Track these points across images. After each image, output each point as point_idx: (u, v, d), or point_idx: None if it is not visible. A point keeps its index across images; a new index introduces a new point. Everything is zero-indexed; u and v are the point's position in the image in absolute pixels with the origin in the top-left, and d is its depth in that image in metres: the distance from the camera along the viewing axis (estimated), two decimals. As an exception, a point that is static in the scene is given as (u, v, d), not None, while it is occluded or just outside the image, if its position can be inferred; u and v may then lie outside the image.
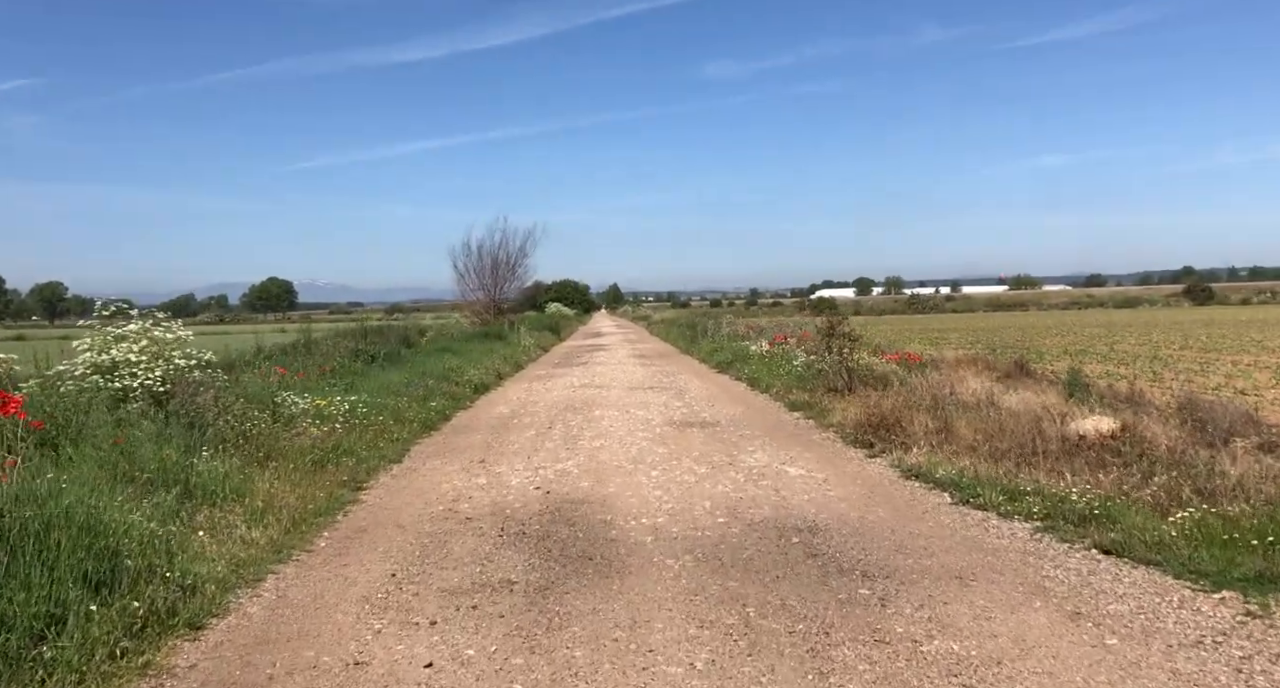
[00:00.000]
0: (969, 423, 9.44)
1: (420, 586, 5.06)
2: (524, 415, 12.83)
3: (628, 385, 17.18)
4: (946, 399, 10.80)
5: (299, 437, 9.05)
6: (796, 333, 22.06)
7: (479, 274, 43.72)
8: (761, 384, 15.92)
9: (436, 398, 13.73)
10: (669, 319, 60.09)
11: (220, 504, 6.24)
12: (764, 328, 26.06)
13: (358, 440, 9.71)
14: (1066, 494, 6.34)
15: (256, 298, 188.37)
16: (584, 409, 13.34)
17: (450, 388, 15.17)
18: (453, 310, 48.76)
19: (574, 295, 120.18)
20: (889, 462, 8.45)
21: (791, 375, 15.80)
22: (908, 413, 9.66)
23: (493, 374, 19.12)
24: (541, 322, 50.01)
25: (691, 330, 34.30)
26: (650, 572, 5.19)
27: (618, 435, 10.56)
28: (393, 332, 31.52)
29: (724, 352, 22.72)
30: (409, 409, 12.04)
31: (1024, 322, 66.32)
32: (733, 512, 6.60)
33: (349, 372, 15.25)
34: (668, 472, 8.23)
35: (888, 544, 5.65)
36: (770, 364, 18.00)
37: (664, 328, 46.94)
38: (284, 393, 11.01)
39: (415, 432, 11.00)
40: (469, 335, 31.21)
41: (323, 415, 10.45)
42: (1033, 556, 5.34)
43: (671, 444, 9.83)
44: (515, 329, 33.55)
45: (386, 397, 12.65)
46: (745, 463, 8.60)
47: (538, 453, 9.51)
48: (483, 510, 6.90)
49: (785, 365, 17.12)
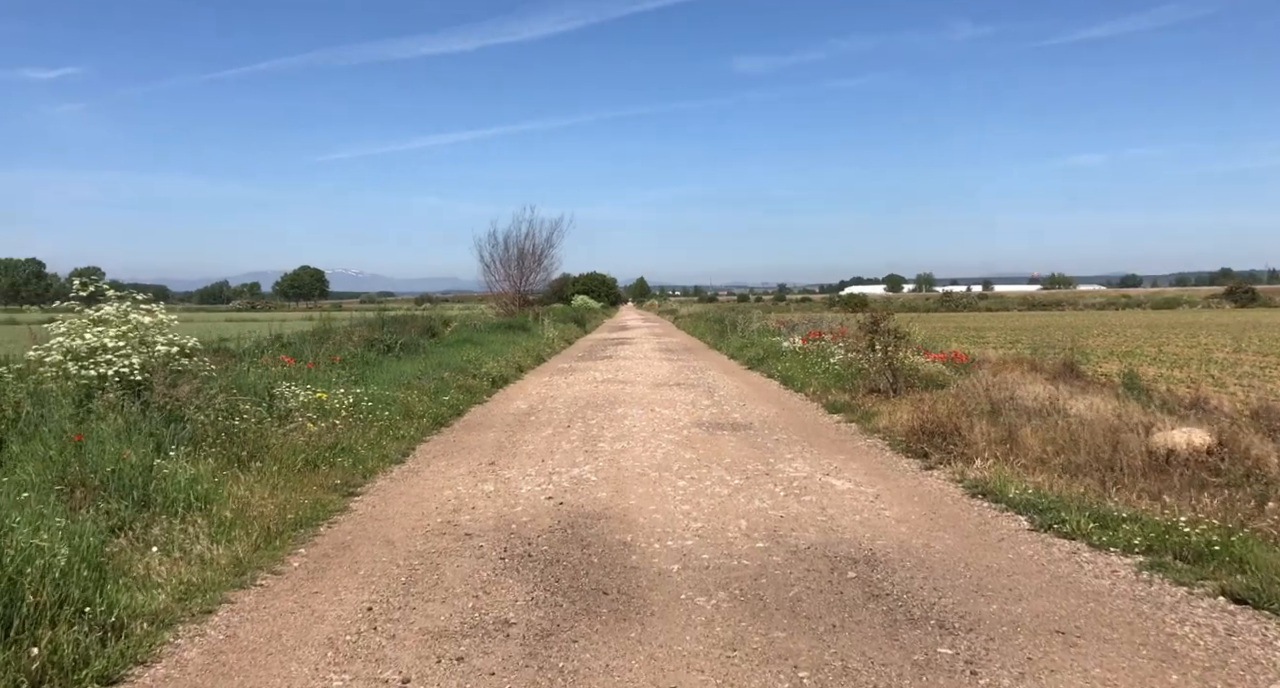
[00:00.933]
0: (1035, 432, 8.43)
1: (399, 624, 4.19)
2: (542, 412, 11.97)
3: (653, 381, 16.27)
4: (1006, 404, 9.79)
5: (293, 433, 8.24)
6: (832, 329, 21.02)
7: (505, 265, 43.15)
8: (796, 383, 14.94)
9: (450, 392, 12.91)
10: (696, 313, 59.08)
11: (183, 514, 5.41)
12: (796, 324, 25.02)
13: (359, 438, 8.90)
14: (1172, 523, 5.35)
15: (289, 286, 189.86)
16: (606, 407, 12.45)
17: (467, 381, 14.35)
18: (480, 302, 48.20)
19: (600, 288, 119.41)
20: (948, 475, 7.48)
21: (829, 374, 14.80)
22: (966, 419, 8.66)
23: (513, 367, 18.30)
24: (567, 314, 49.23)
25: (720, 325, 33.32)
26: (677, 614, 4.28)
27: (641, 437, 9.66)
28: (416, 321, 30.94)
29: (754, 348, 21.74)
30: (419, 403, 11.22)
31: (1062, 321, 64.45)
32: (774, 534, 5.67)
33: (361, 362, 14.47)
34: (697, 482, 7.31)
35: (964, 583, 4.70)
36: (805, 362, 17.00)
37: (691, 322, 45.97)
38: (284, 384, 10.22)
39: (424, 428, 10.17)
40: (492, 326, 30.46)
41: (323, 410, 9.64)
42: (1146, 603, 4.36)
43: (700, 449, 8.91)
44: (539, 321, 32.75)
45: (397, 390, 11.84)
46: (784, 473, 7.66)
47: (553, 455, 8.64)
48: (485, 525, 6.03)
49: (821, 363, 16.13)
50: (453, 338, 24.81)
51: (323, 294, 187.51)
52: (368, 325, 18.43)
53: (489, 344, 22.94)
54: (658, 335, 36.61)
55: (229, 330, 22.57)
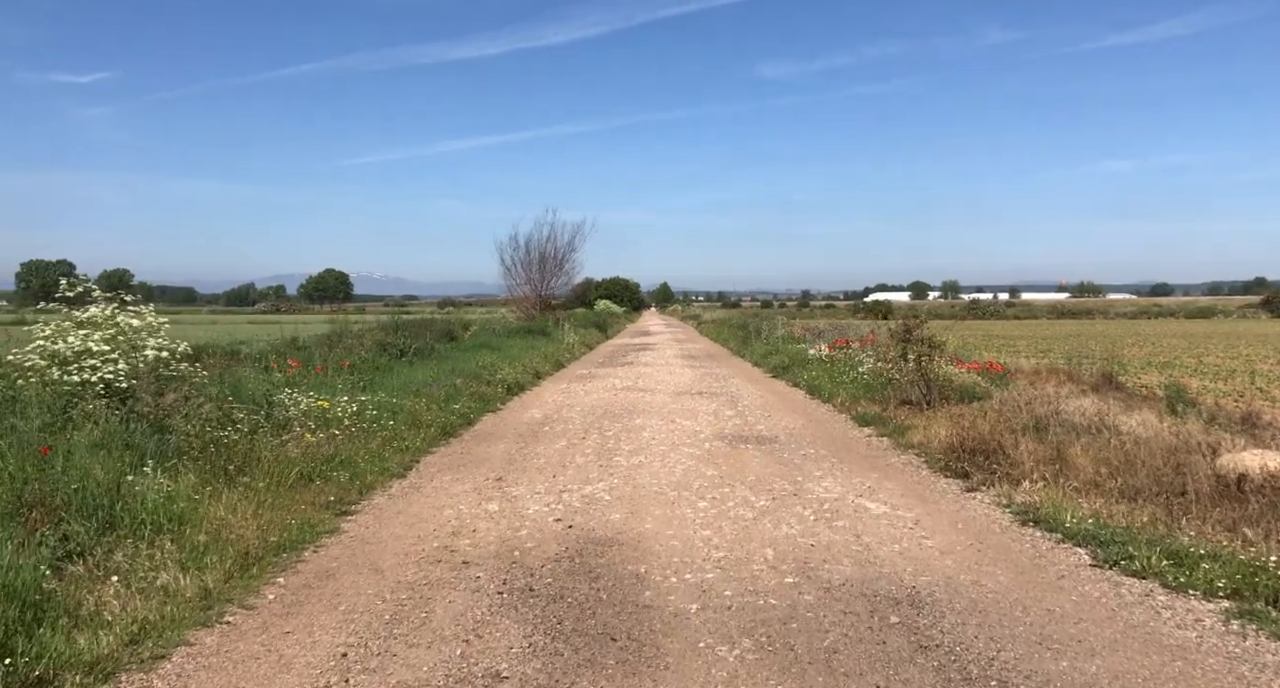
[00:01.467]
0: (1085, 451, 7.78)
1: (375, 675, 3.66)
2: (557, 422, 11.44)
3: (674, 390, 15.70)
4: (1051, 420, 9.13)
5: (288, 444, 7.76)
6: (859, 336, 20.36)
7: (526, 269, 42.66)
8: (823, 393, 14.32)
9: (462, 399, 12.41)
10: (719, 319, 58.41)
11: (152, 537, 4.92)
12: (823, 330, 24.36)
13: (360, 449, 8.41)
14: (1259, 562, 4.71)
15: (314, 289, 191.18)
16: (624, 416, 11.90)
17: (480, 388, 13.85)
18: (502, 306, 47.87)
19: (623, 293, 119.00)
20: (993, 499, 6.85)
21: (857, 384, 14.17)
22: (1010, 436, 8.02)
23: (530, 373, 17.80)
24: (589, 319, 48.76)
25: (743, 331, 32.70)
26: (694, 668, 3.71)
27: (660, 451, 9.10)
28: (435, 325, 30.55)
29: (779, 355, 21.11)
30: (428, 412, 10.72)
31: (1093, 330, 63.07)
32: (804, 568, 5.08)
33: (372, 368, 14.04)
34: (718, 503, 6.73)
35: (1024, 632, 4.09)
36: (832, 371, 16.37)
37: (714, 328, 45.35)
38: (285, 391, 9.77)
39: (430, 439, 9.66)
40: (511, 331, 30.03)
41: (325, 419, 9.16)
42: (1245, 663, 3.73)
43: (723, 465, 8.34)
44: (560, 326, 32.28)
45: (406, 397, 11.36)
46: (813, 493, 7.07)
47: (565, 470, 8.10)
48: (486, 551, 5.49)
49: (849, 373, 15.49)
50: (471, 343, 24.39)
51: (347, 297, 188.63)
52: (381, 330, 18.01)
53: (507, 349, 22.48)
54: (680, 342, 36.03)
55: (249, 333, 22.30)
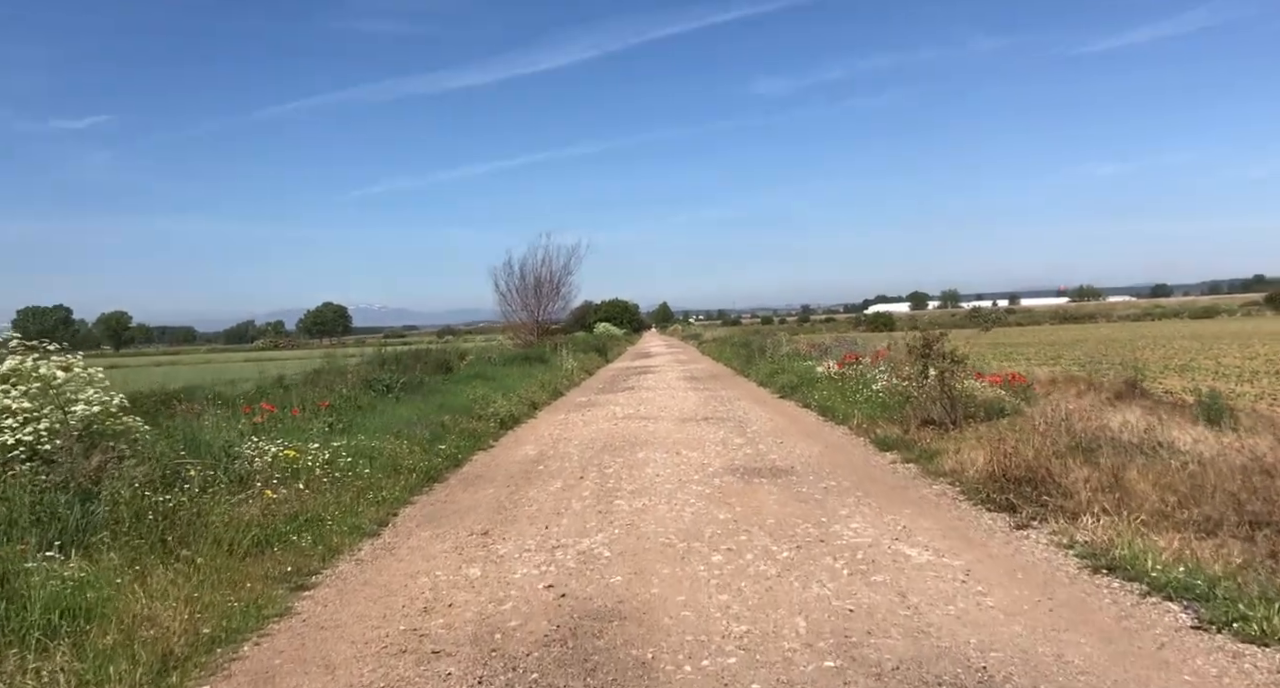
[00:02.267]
0: (1144, 475, 6.89)
1: None
2: (552, 459, 10.54)
3: (679, 416, 14.81)
4: (1097, 438, 8.24)
5: (244, 505, 6.88)
6: (869, 351, 19.49)
7: (521, 295, 41.91)
8: (837, 414, 13.43)
9: (450, 437, 11.52)
10: (721, 338, 57.56)
11: (45, 644, 4.03)
12: (829, 346, 23.49)
13: (331, 503, 7.52)
14: None
15: (312, 323, 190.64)
16: (625, 449, 11.01)
17: (470, 424, 12.95)
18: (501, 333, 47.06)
19: (623, 315, 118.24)
20: (1050, 538, 5.95)
21: (872, 403, 13.28)
22: (1058, 461, 7.12)
23: (525, 404, 16.91)
24: (588, 343, 47.92)
25: (746, 350, 31.83)
26: (722, 813, 2.81)
27: (665, 491, 8.20)
28: (429, 356, 29.63)
29: (786, 374, 20.23)
30: (409, 455, 9.82)
31: (1099, 334, 62.20)
32: (845, 644, 4.18)
33: (353, 407, 13.15)
34: (735, 556, 5.83)
35: (1140, 735, 3.20)
36: (843, 389, 15.48)
37: (716, 347, 44.50)
38: (250, 440, 8.90)
39: (412, 486, 8.77)
40: (508, 359, 29.13)
41: (293, 469, 8.29)
42: None
43: (737, 505, 7.44)
44: (557, 352, 31.41)
45: (387, 439, 10.47)
46: (843, 538, 6.17)
47: (560, 520, 7.20)
48: (461, 634, 4.59)
49: (862, 391, 14.60)
50: (465, 373, 23.53)
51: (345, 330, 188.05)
52: (367, 365, 17.15)
53: (502, 379, 21.61)
54: (682, 362, 35.16)
55: (241, 372, 21.43)
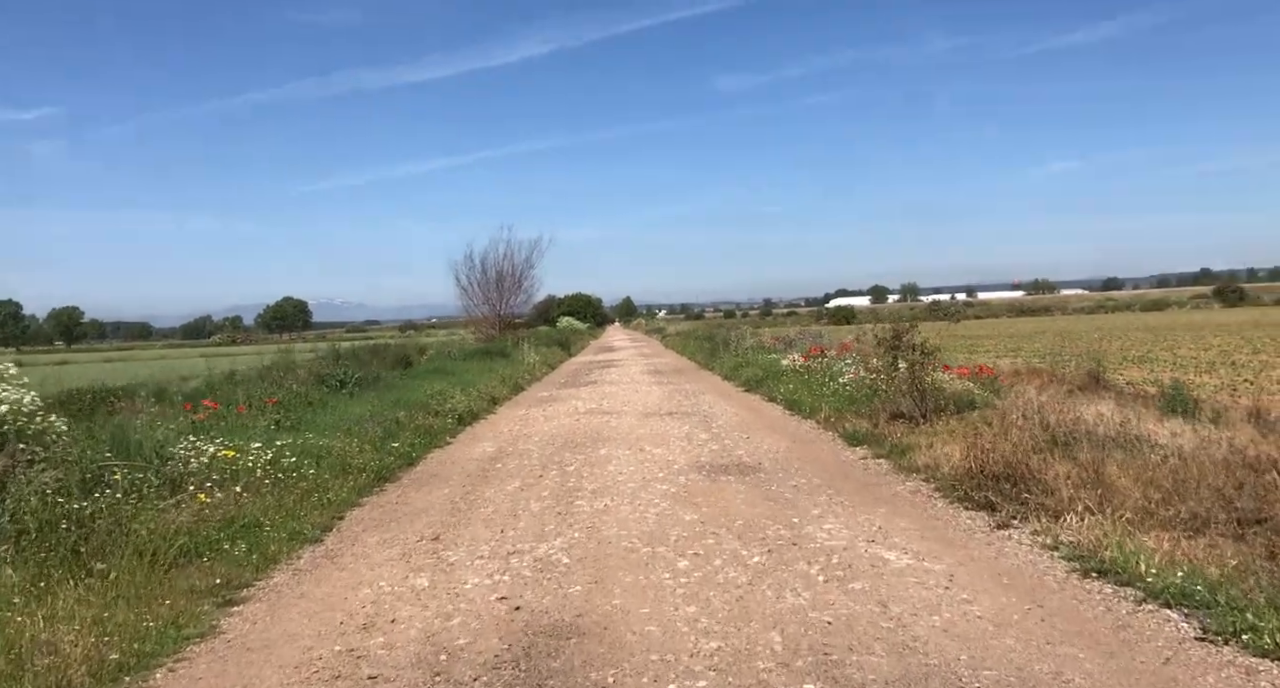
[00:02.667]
0: (1124, 471, 6.64)
1: None
2: (511, 457, 10.11)
3: (642, 410, 14.43)
4: (1073, 433, 8.01)
5: (174, 511, 6.36)
6: (834, 344, 19.28)
7: (483, 288, 41.34)
8: (803, 407, 13.14)
9: (404, 434, 11.02)
10: (684, 331, 57.37)
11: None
12: (793, 339, 23.27)
13: (271, 507, 7.03)
14: None
15: (271, 318, 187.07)
16: (587, 446, 10.60)
17: (427, 420, 12.44)
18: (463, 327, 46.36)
19: (586, 309, 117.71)
20: (1033, 538, 5.66)
21: (840, 397, 13.02)
22: (1038, 457, 6.85)
23: (485, 399, 16.40)
24: (551, 337, 47.39)
25: (710, 343, 31.55)
26: None
27: (629, 490, 7.81)
28: (388, 351, 29.00)
29: (751, 367, 19.95)
30: (360, 454, 9.31)
31: (1055, 326, 62.92)
32: (825, 663, 3.82)
33: (304, 404, 12.58)
34: (703, 562, 5.46)
35: (1158, 767, 2.87)
36: (809, 382, 15.22)
37: (680, 341, 44.23)
38: (189, 439, 8.35)
39: (361, 487, 8.28)
40: (469, 354, 28.57)
41: (232, 471, 7.77)
42: None
43: (703, 505, 7.07)
44: (519, 346, 30.87)
45: (336, 437, 9.96)
46: (817, 541, 5.83)
47: (516, 522, 6.78)
48: (402, 655, 4.16)
49: (829, 384, 14.35)
50: (424, 369, 22.95)
51: (305, 325, 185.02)
52: (320, 360, 16.52)
53: (462, 374, 21.08)
54: (646, 356, 34.80)
55: (194, 367, 20.61)
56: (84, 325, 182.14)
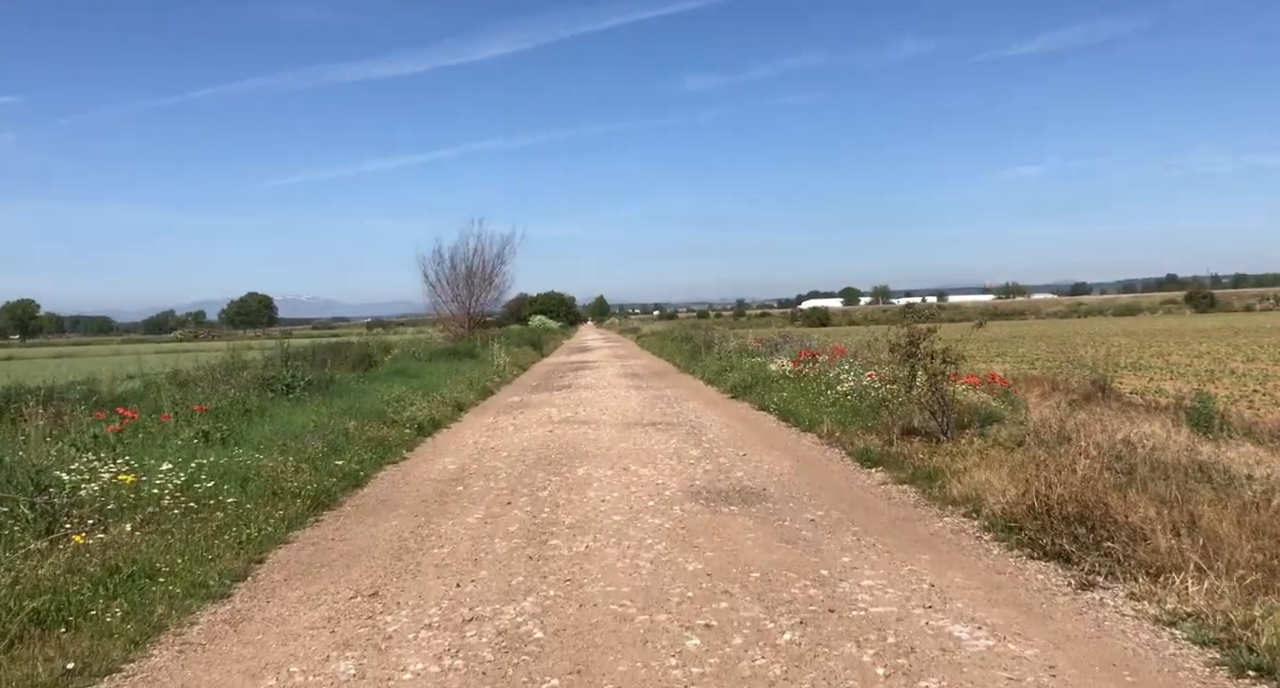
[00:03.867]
0: (1220, 511, 5.45)
1: None
2: (475, 477, 8.78)
3: (622, 420, 13.16)
4: (1130, 459, 6.84)
5: (37, 558, 4.97)
6: (825, 348, 18.12)
7: (452, 285, 39.65)
8: (801, 419, 11.92)
9: (353, 449, 9.63)
10: (659, 332, 56.14)
11: None
12: (779, 342, 22.09)
13: (175, 547, 5.67)
14: None
15: (235, 314, 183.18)
16: (562, 464, 9.30)
17: (380, 431, 11.05)
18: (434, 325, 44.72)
19: (559, 308, 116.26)
20: (1133, 605, 4.44)
21: (841, 408, 11.83)
22: (1118, 493, 5.65)
23: (449, 405, 15.03)
24: (523, 336, 45.97)
25: (689, 345, 30.34)
26: None
27: (614, 525, 6.52)
28: (350, 350, 27.38)
29: (736, 371, 18.72)
30: (296, 474, 7.92)
31: (1034, 331, 62.38)
32: None
33: (240, 411, 11.14)
34: (719, 639, 4.18)
35: None
36: (804, 390, 14.02)
37: (656, 341, 42.99)
38: (86, 459, 6.95)
39: (293, 517, 6.91)
40: (435, 354, 27.07)
41: (134, 500, 6.38)
42: None
43: (707, 547, 5.80)
44: (488, 346, 29.43)
45: (272, 452, 8.57)
46: (859, 605, 4.57)
47: (477, 570, 5.47)
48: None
49: (826, 392, 13.16)
50: (385, 370, 21.49)
51: (271, 321, 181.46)
52: (268, 360, 15.03)
53: (426, 376, 19.66)
54: (621, 358, 33.51)
55: (146, 364, 18.99)
56: (39, 319, 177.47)
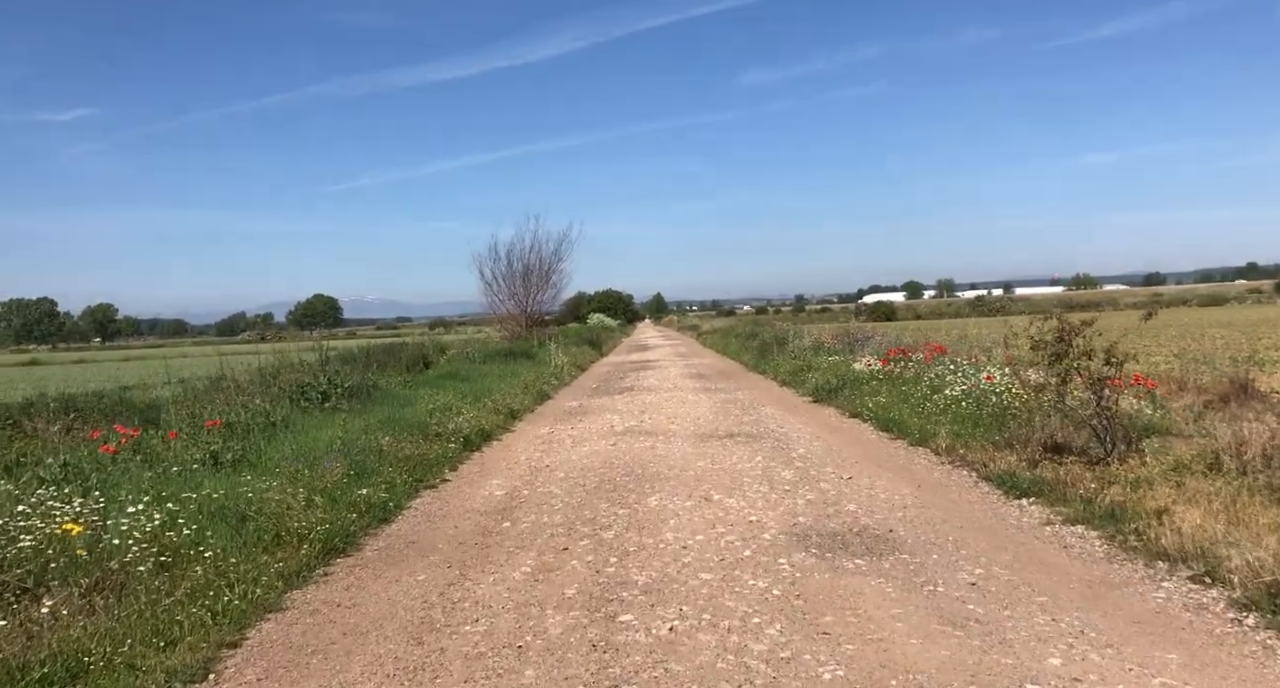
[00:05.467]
0: None
1: None
2: (525, 507, 7.24)
3: (694, 430, 11.52)
4: None
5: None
6: (917, 345, 16.20)
7: (509, 283, 38.41)
8: (908, 430, 10.12)
9: (384, 471, 8.18)
10: (721, 329, 54.29)
11: None
12: (860, 338, 20.19)
13: (125, 625, 4.23)
14: None
15: (302, 315, 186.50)
16: (629, 491, 7.70)
17: (419, 448, 9.57)
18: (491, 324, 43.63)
19: (617, 306, 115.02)
20: None
21: (954, 416, 10.01)
22: None
23: (502, 413, 13.55)
24: (581, 335, 44.60)
25: (756, 342, 28.56)
26: None
27: (703, 593, 4.88)
28: (405, 351, 26.30)
29: (815, 372, 16.90)
30: (306, 510, 6.47)
31: (1120, 323, 58.72)
32: None
33: (264, 425, 9.78)
34: None
35: None
36: (905, 394, 12.18)
37: (718, 338, 41.22)
38: (36, 498, 5.59)
39: (291, 573, 5.42)
40: (490, 355, 25.75)
41: (89, 557, 4.97)
42: None
43: (841, 635, 4.13)
44: (545, 346, 28.04)
45: (286, 480, 7.15)
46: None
47: (520, 671, 3.89)
48: None
49: (932, 397, 11.31)
50: (435, 373, 20.22)
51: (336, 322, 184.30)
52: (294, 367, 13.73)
53: (479, 379, 18.31)
54: (684, 357, 31.85)
55: (200, 368, 18.07)
56: (118, 323, 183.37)
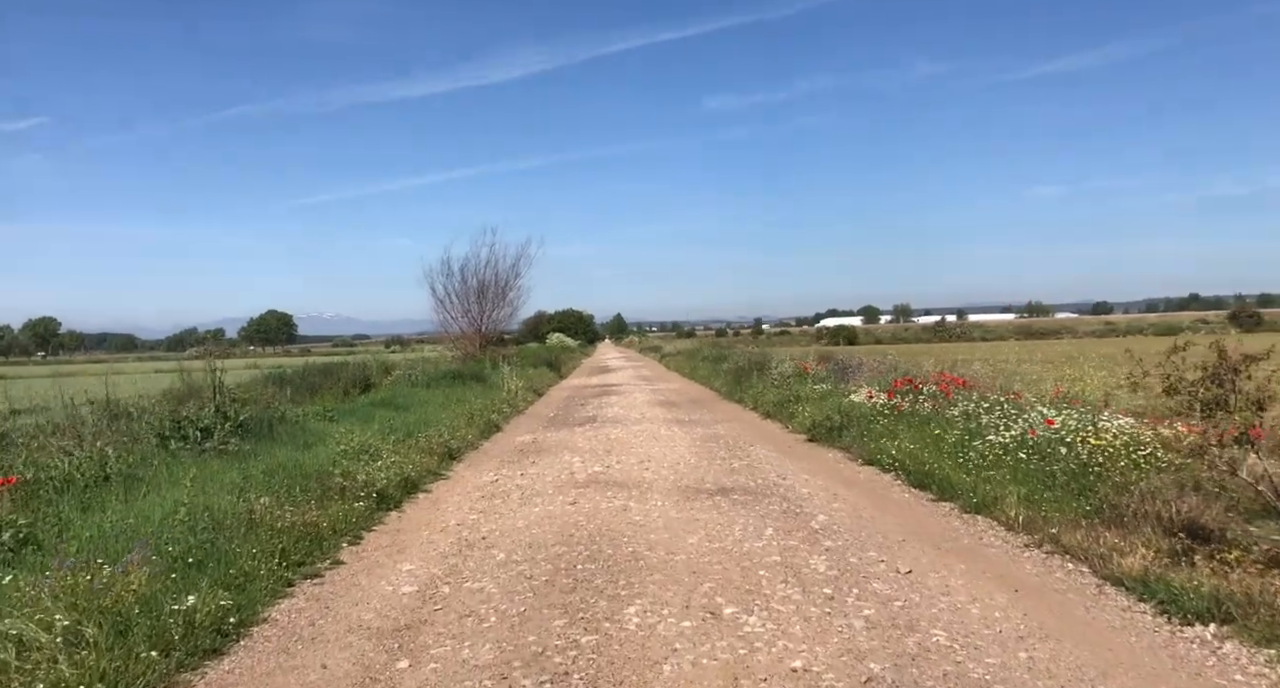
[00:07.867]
0: None
1: None
2: (437, 627, 4.77)
3: (675, 481, 9.12)
4: None
5: None
6: (926, 376, 13.98)
7: (462, 300, 35.64)
8: (953, 490, 7.83)
9: (241, 558, 5.64)
10: (685, 350, 51.88)
11: None
12: (852, 366, 17.96)
13: None
14: None
15: (255, 331, 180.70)
16: (596, 588, 5.26)
17: (307, 513, 7.02)
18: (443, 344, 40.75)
19: (577, 326, 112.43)
20: None
21: (1020, 474, 7.72)
22: None
23: (437, 454, 10.99)
24: (539, 355, 41.92)
25: (724, 364, 26.26)
26: None
27: None
28: (344, 371, 23.59)
29: (805, 403, 14.58)
30: (62, 659, 3.93)
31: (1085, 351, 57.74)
32: None
33: (93, 478, 7.15)
34: None
35: None
36: (932, 437, 9.82)
37: (683, 361, 38.79)
38: None
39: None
40: (436, 378, 22.98)
41: None
42: None
43: None
44: (499, 368, 25.43)
45: (52, 591, 4.60)
46: None
47: None
48: None
49: (971, 444, 9.01)
50: (368, 400, 17.58)
51: (290, 338, 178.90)
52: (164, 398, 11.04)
53: (420, 407, 15.74)
54: (648, 381, 29.45)
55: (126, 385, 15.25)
56: (61, 337, 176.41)
